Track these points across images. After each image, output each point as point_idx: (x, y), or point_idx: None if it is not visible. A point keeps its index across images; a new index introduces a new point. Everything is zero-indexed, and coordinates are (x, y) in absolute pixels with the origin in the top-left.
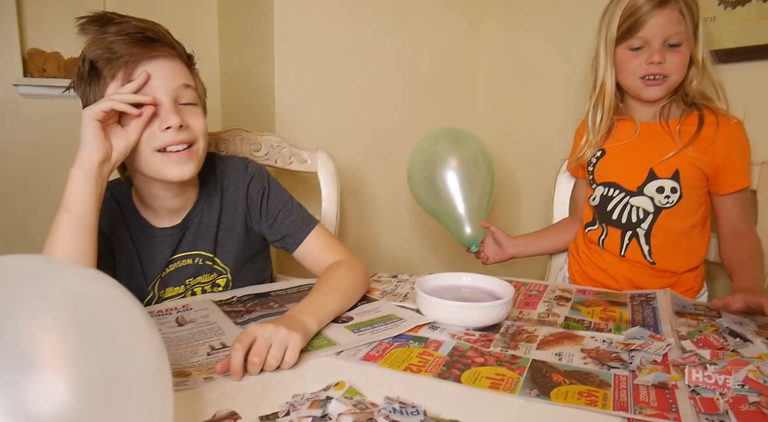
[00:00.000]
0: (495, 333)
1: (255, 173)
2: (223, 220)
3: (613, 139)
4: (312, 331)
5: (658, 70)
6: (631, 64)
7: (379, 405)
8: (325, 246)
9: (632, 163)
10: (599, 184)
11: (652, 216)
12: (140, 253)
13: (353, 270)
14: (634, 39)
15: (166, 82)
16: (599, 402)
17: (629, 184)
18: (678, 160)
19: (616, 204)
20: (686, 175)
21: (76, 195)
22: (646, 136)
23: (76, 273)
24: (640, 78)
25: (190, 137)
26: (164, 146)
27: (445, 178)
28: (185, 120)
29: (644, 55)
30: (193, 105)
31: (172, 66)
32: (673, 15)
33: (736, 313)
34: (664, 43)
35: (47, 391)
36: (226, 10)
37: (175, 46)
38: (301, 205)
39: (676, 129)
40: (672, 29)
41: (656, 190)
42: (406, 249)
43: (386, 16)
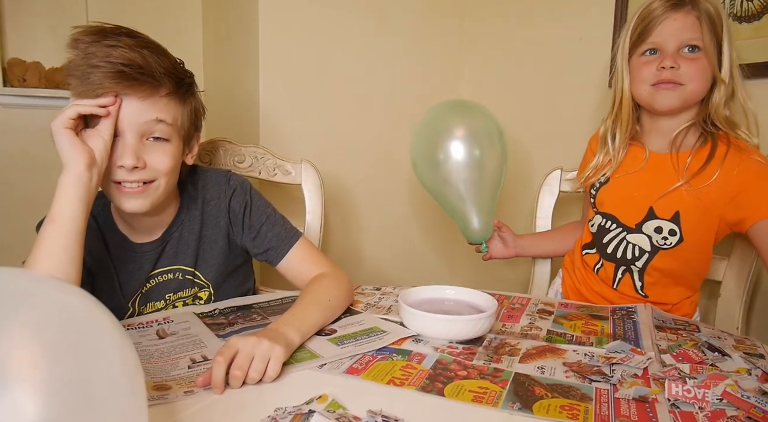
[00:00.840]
0: (478, 347)
1: (237, 186)
2: (205, 234)
3: (620, 168)
4: (295, 344)
5: (670, 76)
6: (643, 71)
7: (362, 419)
8: (308, 258)
9: (633, 198)
10: (599, 212)
11: (648, 255)
12: (118, 269)
13: (337, 282)
14: (646, 44)
15: (134, 116)
16: (581, 415)
17: (628, 219)
18: (679, 200)
19: (612, 238)
20: (688, 217)
21: (64, 205)
22: (653, 167)
23: (48, 286)
24: (651, 85)
25: (146, 177)
26: (118, 181)
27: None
28: (145, 158)
29: (655, 60)
30: (163, 140)
31: (147, 101)
32: (688, 19)
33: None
34: (679, 49)
35: (17, 407)
36: (211, 22)
37: (160, 82)
38: (284, 218)
39: (686, 160)
40: (686, 34)
41: (654, 229)
42: (390, 261)
43: (371, 29)
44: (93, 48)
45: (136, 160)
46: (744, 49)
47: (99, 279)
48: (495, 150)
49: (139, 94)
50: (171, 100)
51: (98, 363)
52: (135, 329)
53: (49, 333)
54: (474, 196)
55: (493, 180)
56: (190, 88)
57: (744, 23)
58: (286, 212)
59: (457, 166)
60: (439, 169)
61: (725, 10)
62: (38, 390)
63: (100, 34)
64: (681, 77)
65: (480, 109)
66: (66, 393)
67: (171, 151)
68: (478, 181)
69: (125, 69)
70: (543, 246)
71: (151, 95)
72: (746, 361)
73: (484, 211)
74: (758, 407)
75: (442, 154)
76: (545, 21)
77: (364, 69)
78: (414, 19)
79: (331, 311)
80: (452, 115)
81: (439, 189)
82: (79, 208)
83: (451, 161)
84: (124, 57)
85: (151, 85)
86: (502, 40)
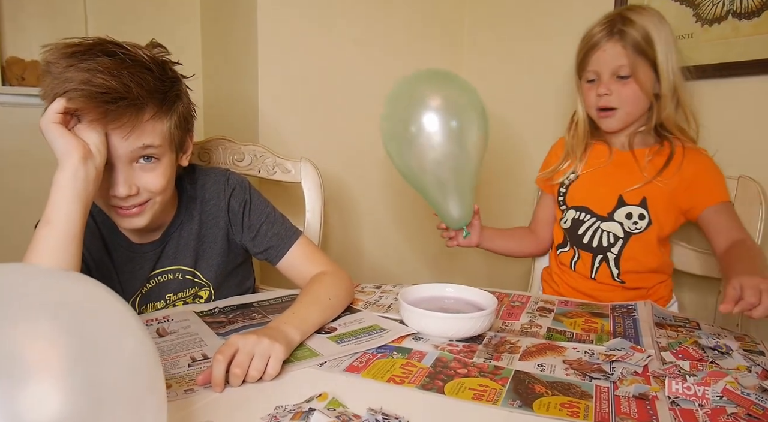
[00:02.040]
0: (478, 344)
1: (236, 185)
2: (204, 233)
3: (587, 164)
4: (295, 342)
5: (606, 103)
6: (587, 96)
7: (362, 417)
8: (308, 257)
9: (603, 189)
10: (571, 207)
11: (621, 240)
12: (118, 269)
13: (337, 281)
14: (587, 72)
15: (120, 147)
16: (581, 413)
17: (600, 209)
18: (646, 187)
19: (587, 228)
20: (654, 202)
21: (59, 204)
22: (618, 162)
23: (68, 279)
24: (596, 109)
25: (139, 201)
26: (114, 205)
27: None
28: (137, 183)
29: (596, 87)
30: (154, 160)
31: (127, 127)
32: (616, 49)
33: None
34: (613, 75)
35: (39, 400)
36: (210, 20)
37: (144, 105)
38: (283, 216)
39: (644, 158)
40: (617, 61)
41: (625, 216)
42: (389, 259)
43: (370, 28)
44: (69, 73)
45: (128, 189)
46: (744, 46)
47: (99, 279)
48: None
49: (122, 124)
50: (156, 121)
51: (119, 356)
52: None
53: (70, 325)
54: (455, 177)
55: (475, 158)
56: (176, 97)
57: (744, 20)
58: (286, 210)
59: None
60: (413, 147)
61: (725, 6)
62: (60, 384)
63: (74, 56)
64: (614, 102)
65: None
66: (88, 385)
67: (162, 170)
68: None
69: (107, 104)
70: (498, 243)
71: (134, 123)
72: (746, 358)
73: (466, 195)
74: (758, 404)
75: (415, 128)
76: (545, 20)
77: (364, 67)
78: (414, 18)
79: (332, 310)
80: (426, 85)
81: (416, 171)
82: (77, 206)
83: (426, 136)
84: (104, 86)
85: (135, 113)
86: (502, 40)
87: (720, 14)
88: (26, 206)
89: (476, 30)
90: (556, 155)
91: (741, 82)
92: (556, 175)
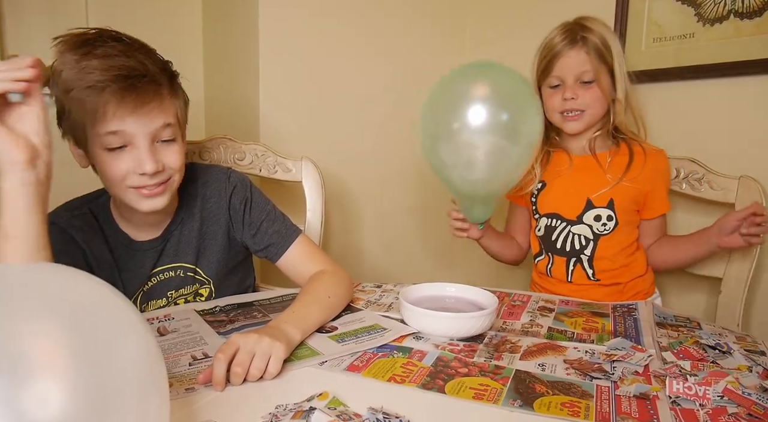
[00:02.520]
0: (479, 344)
1: (237, 183)
2: (205, 231)
3: (550, 171)
4: (296, 341)
5: (574, 106)
6: (551, 101)
7: (362, 416)
8: (308, 255)
9: (570, 194)
10: (543, 215)
11: (592, 243)
12: (120, 268)
13: (337, 280)
14: (551, 78)
15: (145, 126)
16: (581, 412)
17: (569, 213)
18: (613, 189)
19: (559, 233)
20: (620, 202)
21: (16, 216)
22: (580, 167)
23: (71, 277)
24: (559, 113)
25: (164, 177)
26: (139, 186)
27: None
28: (161, 160)
29: (560, 92)
30: (171, 140)
31: (153, 106)
32: (581, 55)
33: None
34: (577, 81)
35: (43, 399)
36: (211, 19)
37: (161, 82)
38: (284, 215)
39: (606, 161)
40: (581, 67)
41: (594, 218)
42: (390, 258)
43: (370, 29)
44: (87, 61)
45: (156, 165)
46: (745, 46)
47: (101, 277)
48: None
49: (146, 102)
50: (172, 98)
51: (123, 354)
52: None
53: (74, 323)
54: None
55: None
56: (177, 81)
57: (746, 20)
58: (287, 209)
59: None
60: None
61: (727, 6)
62: (64, 382)
63: (87, 44)
64: (581, 105)
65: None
66: (92, 384)
67: (179, 148)
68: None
69: (131, 81)
70: (494, 243)
71: (156, 100)
72: (747, 358)
73: (496, 196)
74: (759, 404)
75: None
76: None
77: (365, 66)
78: (416, 17)
79: (332, 309)
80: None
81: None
82: (34, 215)
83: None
84: (125, 67)
85: (154, 90)
86: (504, 39)
87: (722, 14)
88: None
89: (478, 29)
90: None
91: (742, 82)
92: (523, 186)
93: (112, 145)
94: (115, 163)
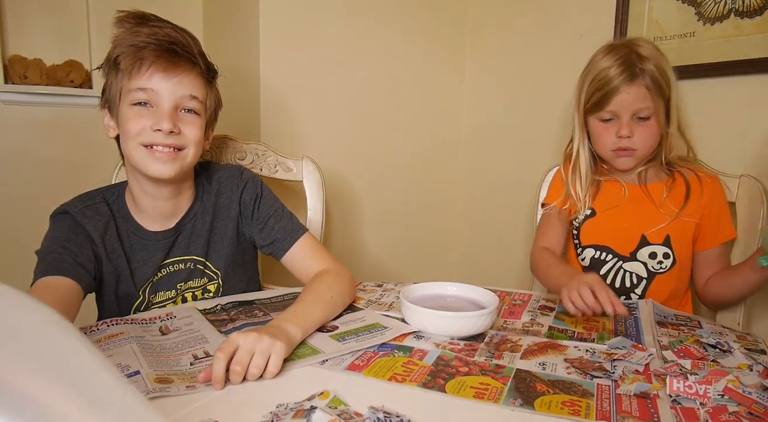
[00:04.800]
0: (479, 343)
1: (249, 180)
2: (216, 225)
3: (601, 200)
4: (296, 340)
5: (627, 144)
6: (603, 136)
7: (363, 415)
8: (312, 253)
9: (624, 228)
10: (588, 245)
11: (645, 281)
12: (130, 257)
13: (340, 279)
14: (604, 112)
15: (172, 89)
16: (582, 411)
17: (622, 249)
18: (670, 225)
19: (609, 269)
20: (677, 239)
21: None
22: (635, 198)
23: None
24: (612, 150)
25: (178, 143)
26: (151, 144)
27: None
28: (179, 127)
29: (614, 127)
30: (194, 114)
31: (185, 76)
32: (640, 91)
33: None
34: (633, 117)
35: None
36: (212, 18)
37: (197, 61)
38: (291, 213)
39: (662, 194)
40: (639, 104)
41: (649, 255)
42: (391, 258)
43: (371, 29)
44: (138, 28)
45: (173, 126)
46: (746, 45)
47: (108, 265)
48: None
49: (180, 70)
50: (203, 80)
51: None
52: (139, 324)
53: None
54: None
55: None
56: (215, 76)
57: (746, 18)
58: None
59: None
60: None
61: (727, 5)
62: None
63: (144, 17)
64: (635, 143)
65: None
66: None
67: (200, 124)
68: None
69: (171, 46)
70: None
71: (188, 72)
72: (747, 357)
73: None
74: (760, 403)
75: None
76: (546, 17)
77: (365, 66)
78: (416, 16)
79: (333, 308)
80: None
81: None
82: None
83: None
84: (169, 35)
85: (191, 62)
86: (504, 38)
87: (722, 13)
88: (28, 202)
89: (479, 27)
90: (559, 187)
91: (743, 81)
92: (568, 213)
93: (138, 99)
94: (136, 118)
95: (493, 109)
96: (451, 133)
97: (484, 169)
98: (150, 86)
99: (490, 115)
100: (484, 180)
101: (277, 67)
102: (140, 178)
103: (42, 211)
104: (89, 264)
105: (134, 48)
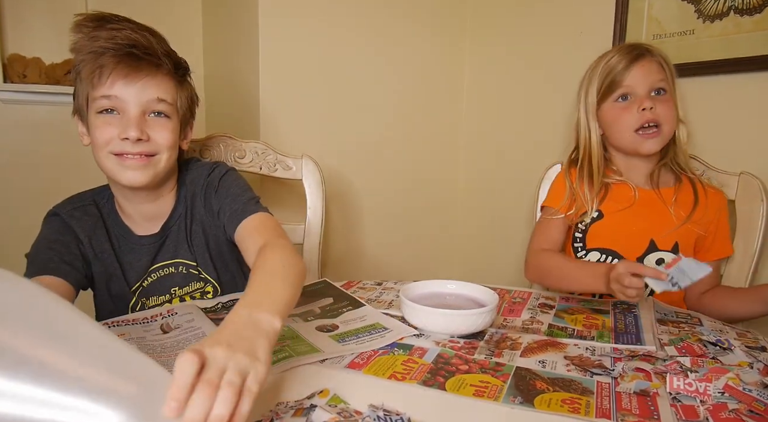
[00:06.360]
0: (479, 341)
1: (213, 179)
2: (195, 228)
3: (610, 202)
4: (277, 331)
5: (651, 117)
6: (623, 117)
7: (363, 413)
8: (257, 229)
9: (632, 232)
10: (593, 249)
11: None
12: (120, 259)
13: (279, 249)
14: (619, 89)
15: (137, 94)
16: (582, 409)
17: (629, 253)
18: (678, 232)
19: None
20: (685, 246)
21: None
22: (644, 202)
23: None
24: (635, 131)
25: (148, 149)
26: (120, 152)
27: None
28: (148, 133)
29: (633, 105)
30: (165, 117)
31: (149, 79)
32: (653, 65)
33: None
34: (649, 93)
35: None
36: (211, 17)
37: (161, 62)
38: (252, 198)
39: (671, 198)
40: (654, 76)
41: (656, 261)
42: (391, 256)
43: (371, 26)
44: (96, 32)
45: (140, 133)
46: (745, 43)
47: (98, 266)
48: None
49: (143, 74)
50: (171, 81)
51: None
52: (140, 324)
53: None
54: None
55: None
56: (186, 73)
57: (745, 16)
58: (287, 207)
59: None
60: None
61: (727, 2)
62: None
63: (102, 19)
64: (659, 117)
65: None
66: None
67: (171, 127)
68: None
69: (131, 50)
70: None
71: (153, 74)
72: (748, 354)
73: None
74: (760, 400)
75: None
76: (545, 15)
77: (365, 64)
78: (416, 15)
79: (295, 276)
80: None
81: None
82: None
83: None
84: (128, 38)
85: (154, 64)
86: (504, 35)
87: (721, 10)
88: (27, 203)
89: (478, 26)
90: (561, 190)
91: (742, 79)
92: (573, 216)
93: (104, 107)
94: (104, 126)
95: (494, 108)
96: (451, 132)
97: (484, 167)
98: (113, 93)
99: (491, 114)
100: (484, 179)
101: (276, 65)
102: (116, 184)
103: (41, 210)
104: (77, 262)
105: (93, 55)
